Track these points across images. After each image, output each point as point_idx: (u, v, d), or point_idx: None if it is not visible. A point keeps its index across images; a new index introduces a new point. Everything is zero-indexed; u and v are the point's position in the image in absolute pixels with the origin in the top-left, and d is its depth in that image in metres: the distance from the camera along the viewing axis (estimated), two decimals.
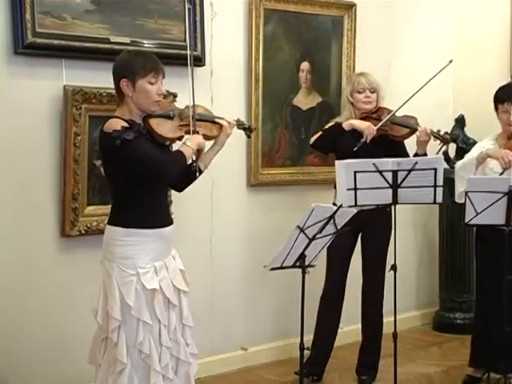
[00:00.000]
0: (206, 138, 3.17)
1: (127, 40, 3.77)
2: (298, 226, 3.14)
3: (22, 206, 3.60)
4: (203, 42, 4.09)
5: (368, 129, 3.98)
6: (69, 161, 3.63)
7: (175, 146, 3.11)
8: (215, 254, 4.34)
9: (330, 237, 3.29)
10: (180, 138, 3.11)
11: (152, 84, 2.94)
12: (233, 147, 3.69)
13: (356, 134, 4.01)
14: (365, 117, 4.11)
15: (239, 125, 3.40)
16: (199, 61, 4.06)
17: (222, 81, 4.25)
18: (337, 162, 3.70)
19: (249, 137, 3.51)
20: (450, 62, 4.01)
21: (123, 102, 2.98)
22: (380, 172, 3.63)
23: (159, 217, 3.01)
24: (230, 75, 4.32)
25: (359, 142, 3.95)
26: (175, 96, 3.84)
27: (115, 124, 2.89)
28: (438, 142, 4.08)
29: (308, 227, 3.15)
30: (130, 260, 2.91)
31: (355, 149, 3.92)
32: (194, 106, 3.10)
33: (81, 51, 3.64)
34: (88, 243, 3.69)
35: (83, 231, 3.72)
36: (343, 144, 4.02)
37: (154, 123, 3.00)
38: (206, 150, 3.17)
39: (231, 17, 4.31)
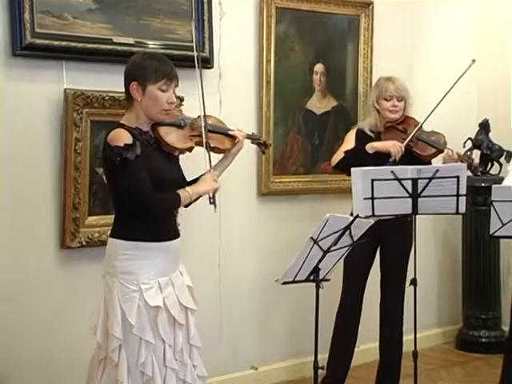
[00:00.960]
0: (218, 151, 3.19)
1: (131, 41, 3.80)
2: (312, 238, 3.15)
3: (19, 215, 3.61)
4: (211, 42, 4.11)
5: (394, 147, 3.95)
6: (69, 168, 3.65)
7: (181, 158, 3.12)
8: (224, 267, 4.34)
9: (346, 249, 3.29)
10: (190, 149, 3.11)
11: (163, 91, 2.94)
12: (242, 154, 3.69)
13: (383, 153, 3.99)
14: (390, 126, 4.09)
15: (253, 139, 3.42)
16: (207, 62, 4.08)
17: (231, 83, 4.26)
18: (353, 169, 3.70)
19: (263, 153, 3.49)
20: (473, 61, 4.02)
21: (131, 107, 2.99)
22: (399, 180, 3.63)
23: (164, 230, 3.00)
24: (240, 78, 4.33)
25: (388, 162, 3.93)
26: (182, 100, 3.86)
27: (119, 137, 2.87)
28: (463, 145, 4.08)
29: (322, 239, 3.15)
30: (132, 275, 2.91)
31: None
32: (204, 115, 3.10)
33: (82, 52, 3.66)
34: (89, 255, 3.70)
35: (84, 243, 3.73)
36: (371, 165, 3.96)
37: (163, 132, 3.01)
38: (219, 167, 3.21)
39: (241, 16, 4.32)
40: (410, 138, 3.99)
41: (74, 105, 3.62)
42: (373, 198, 3.63)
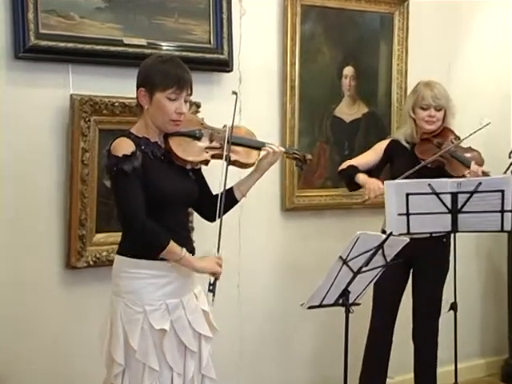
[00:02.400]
0: (240, 165, 3.19)
1: (143, 42, 3.82)
2: (341, 258, 3.15)
3: (20, 232, 3.64)
4: (230, 43, 4.13)
5: (370, 188, 3.94)
6: (75, 181, 3.67)
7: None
8: (243, 289, 4.35)
9: (378, 270, 3.28)
10: (205, 163, 3.12)
11: (171, 100, 2.94)
12: None
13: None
14: (425, 139, 4.08)
15: (290, 153, 3.38)
16: (226, 65, 4.10)
17: (252, 88, 4.28)
18: (386, 182, 3.70)
19: (301, 169, 3.46)
20: (488, 123, 4.00)
21: (141, 115, 3.03)
22: (437, 194, 3.62)
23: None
24: (262, 82, 4.35)
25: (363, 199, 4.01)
26: (198, 106, 3.88)
27: (120, 147, 2.89)
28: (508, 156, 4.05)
29: (352, 259, 3.15)
30: (136, 295, 2.93)
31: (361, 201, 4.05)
32: (232, 127, 3.12)
33: (90, 55, 3.69)
34: (97, 276, 3.72)
35: (91, 262, 3.76)
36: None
37: (175, 143, 3.02)
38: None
39: (263, 14, 4.34)
40: (429, 160, 3.94)
41: (81, 112, 3.65)
42: (408, 214, 3.63)
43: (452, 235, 3.73)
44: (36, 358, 3.69)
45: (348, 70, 4.65)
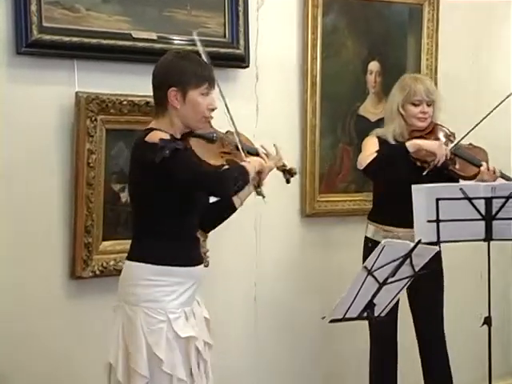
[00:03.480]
0: None
1: (153, 36, 3.84)
2: (366, 267, 3.15)
3: (22, 240, 3.65)
4: (247, 37, 4.14)
5: (440, 149, 3.91)
6: (81, 185, 3.69)
7: None
8: (260, 301, 4.36)
9: (406, 281, 3.29)
10: (220, 168, 3.15)
11: (204, 96, 3.03)
12: None
13: (411, 157, 3.96)
14: (418, 137, 4.03)
15: (278, 166, 3.43)
16: (242, 61, 4.11)
17: (269, 85, 4.29)
18: (414, 186, 3.70)
19: (288, 182, 3.52)
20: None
21: (164, 114, 3.05)
22: (469, 199, 3.62)
23: (191, 253, 3.08)
24: (280, 78, 4.36)
25: (429, 165, 3.91)
26: None
27: (160, 134, 2.95)
28: None
29: (378, 269, 3.16)
30: (158, 303, 2.98)
31: (425, 173, 3.91)
32: (237, 131, 3.18)
33: (97, 50, 3.71)
34: (104, 286, 3.73)
35: (98, 272, 3.78)
36: (403, 169, 3.95)
37: (195, 145, 3.09)
38: None
39: (282, 6, 4.36)
40: (455, 144, 3.94)
41: (87, 111, 3.67)
42: (438, 221, 3.62)
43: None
44: (39, 372, 3.70)
45: (373, 66, 4.66)
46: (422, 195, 3.65)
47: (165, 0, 3.90)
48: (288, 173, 3.43)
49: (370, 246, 4.03)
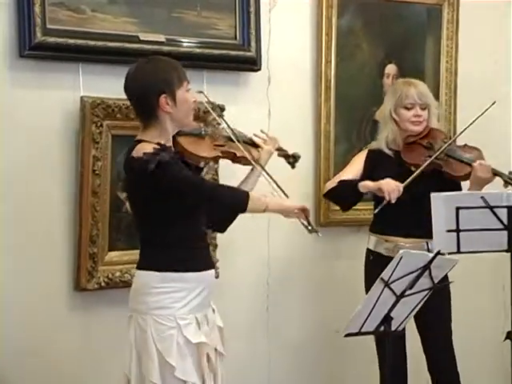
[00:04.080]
0: (246, 162, 3.37)
1: (161, 38, 3.86)
2: (382, 279, 3.15)
3: (24, 250, 3.66)
4: (259, 39, 4.15)
5: (388, 185, 3.84)
6: (86, 193, 3.71)
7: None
8: (273, 313, 4.36)
9: (425, 294, 3.29)
10: (216, 159, 3.39)
11: (188, 91, 3.16)
12: (295, 175, 3.72)
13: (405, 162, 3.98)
14: (412, 142, 4.03)
15: (279, 150, 3.57)
16: (253, 64, 4.13)
17: (282, 89, 4.30)
18: (433, 194, 3.70)
19: (293, 167, 3.58)
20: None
21: (153, 124, 3.12)
22: (491, 208, 3.62)
23: (200, 258, 3.15)
24: (293, 82, 4.38)
25: (380, 204, 3.90)
26: (222, 109, 3.89)
27: (145, 147, 3.03)
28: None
29: (395, 281, 3.16)
30: (168, 310, 3.05)
31: (375, 212, 3.96)
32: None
33: (102, 53, 3.73)
34: (109, 299, 3.76)
35: (103, 283, 3.79)
36: (394, 177, 3.93)
37: (185, 142, 3.21)
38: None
39: (295, 6, 4.37)
40: (432, 158, 3.91)
41: (93, 116, 3.69)
42: (458, 231, 3.62)
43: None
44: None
45: (390, 69, 4.66)
46: (440, 204, 3.65)
47: (174, 1, 3.92)
48: (292, 157, 3.56)
49: (371, 258, 4.04)
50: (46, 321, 3.72)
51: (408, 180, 3.86)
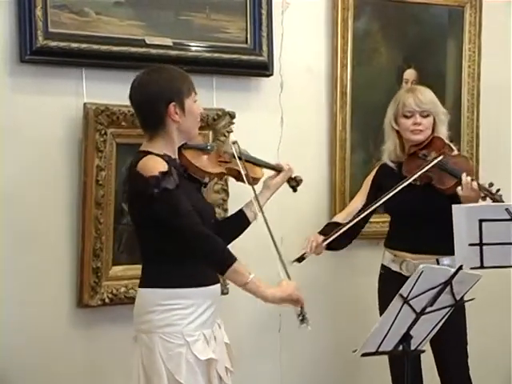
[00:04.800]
0: (254, 180, 3.39)
1: (168, 42, 3.88)
2: (401, 296, 3.15)
3: (25, 265, 3.68)
4: (271, 42, 4.16)
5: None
6: (89, 204, 3.72)
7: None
8: (286, 333, 4.36)
9: (446, 311, 3.28)
10: (220, 176, 3.43)
11: (195, 102, 3.20)
12: (309, 187, 3.72)
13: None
14: (413, 153, 4.00)
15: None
16: (265, 69, 4.13)
17: (295, 96, 4.31)
18: (455, 206, 3.69)
19: (294, 190, 3.61)
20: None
21: (161, 134, 3.14)
22: None
23: (205, 272, 3.14)
24: (307, 88, 4.39)
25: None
26: (232, 117, 3.91)
27: (153, 166, 3.02)
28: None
29: (415, 297, 3.15)
30: (175, 327, 3.06)
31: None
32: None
33: (107, 57, 3.75)
34: (114, 316, 3.77)
35: (107, 299, 3.80)
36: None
37: (190, 155, 3.24)
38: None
39: (309, 8, 4.38)
40: (413, 177, 3.88)
41: (96, 123, 3.70)
42: (481, 244, 3.61)
43: None
44: None
45: (409, 74, 4.67)
46: (462, 216, 3.64)
47: (181, 3, 3.94)
48: (293, 180, 3.58)
49: (382, 273, 4.05)
50: (47, 339, 3.73)
51: (385, 196, 3.88)
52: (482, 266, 3.60)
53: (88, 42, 3.70)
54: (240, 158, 3.32)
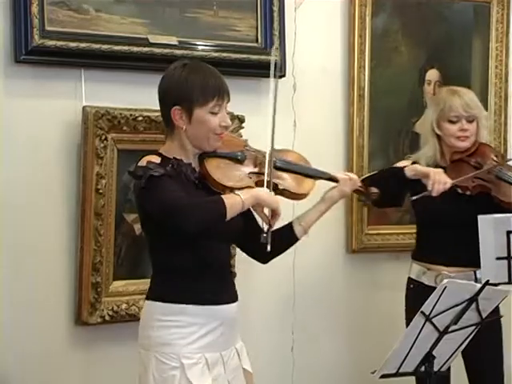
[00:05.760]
0: (290, 195, 3.25)
1: (174, 41, 3.88)
2: (423, 313, 3.14)
3: (20, 280, 3.67)
4: (283, 42, 4.17)
5: (436, 179, 3.77)
6: (88, 214, 3.72)
7: None
8: (299, 352, 4.36)
9: (471, 329, 3.27)
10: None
11: (214, 114, 3.06)
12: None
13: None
14: (457, 160, 3.99)
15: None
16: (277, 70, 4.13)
17: (309, 98, 4.31)
18: (480, 216, 3.69)
19: (364, 204, 3.54)
20: None
21: (172, 135, 3.10)
22: None
23: (214, 289, 3.08)
24: (322, 90, 4.39)
25: (421, 194, 3.80)
26: (241, 121, 3.91)
27: (145, 159, 3.01)
28: None
29: (437, 314, 3.15)
30: (171, 347, 3.00)
31: (413, 198, 3.85)
32: (273, 145, 3.18)
33: (107, 57, 3.75)
34: (114, 334, 3.77)
35: (107, 317, 3.79)
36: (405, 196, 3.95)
37: (213, 165, 3.10)
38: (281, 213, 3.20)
39: (324, 5, 4.38)
40: (468, 176, 3.85)
41: (96, 128, 3.70)
42: (510, 258, 3.61)
43: None
44: None
45: (432, 75, 4.67)
46: (489, 227, 3.63)
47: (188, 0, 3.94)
48: (362, 193, 3.48)
49: (411, 287, 4.03)
50: (44, 359, 3.73)
51: (459, 179, 3.82)
52: (510, 282, 3.59)
53: (87, 40, 3.70)
54: (277, 168, 3.19)
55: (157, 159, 3.02)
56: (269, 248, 3.04)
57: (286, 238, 3.30)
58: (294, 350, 4.35)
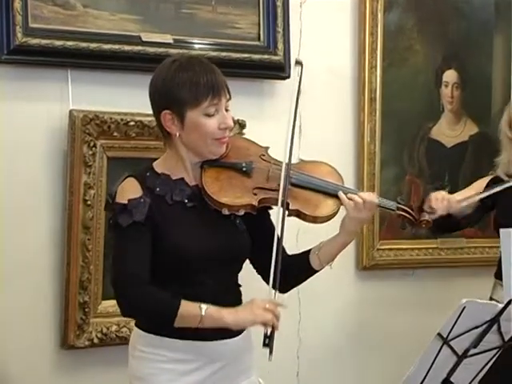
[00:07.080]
0: (304, 217, 3.05)
1: (168, 39, 3.89)
2: (440, 335, 3.13)
3: (1, 300, 3.66)
4: (287, 40, 4.18)
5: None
6: (75, 228, 3.72)
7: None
8: (305, 377, 4.37)
9: (493, 354, 3.26)
10: (251, 208, 2.97)
11: (210, 116, 2.91)
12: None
13: None
14: None
15: (392, 209, 3.21)
16: (281, 70, 4.14)
17: (316, 101, 4.31)
18: (503, 230, 3.67)
19: (403, 228, 3.43)
20: None
21: (169, 143, 2.97)
22: None
23: None
24: (330, 92, 4.40)
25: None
26: (242, 126, 3.91)
27: (121, 192, 2.91)
28: None
29: (456, 337, 3.14)
30: (144, 382, 2.92)
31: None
32: (290, 156, 3.01)
33: (96, 57, 3.76)
34: (104, 359, 3.77)
35: (96, 340, 3.79)
36: None
37: (211, 176, 2.95)
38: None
39: (331, 1, 4.38)
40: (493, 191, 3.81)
41: (84, 134, 3.70)
42: None
43: None
44: None
45: (450, 76, 4.68)
46: (511, 241, 3.63)
47: None
48: (411, 222, 3.25)
49: None
50: None
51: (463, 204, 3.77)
52: None
53: (74, 39, 3.70)
54: (292, 184, 2.97)
55: (134, 193, 2.87)
56: (271, 358, 2.79)
57: (301, 268, 3.12)
58: (300, 374, 4.36)
